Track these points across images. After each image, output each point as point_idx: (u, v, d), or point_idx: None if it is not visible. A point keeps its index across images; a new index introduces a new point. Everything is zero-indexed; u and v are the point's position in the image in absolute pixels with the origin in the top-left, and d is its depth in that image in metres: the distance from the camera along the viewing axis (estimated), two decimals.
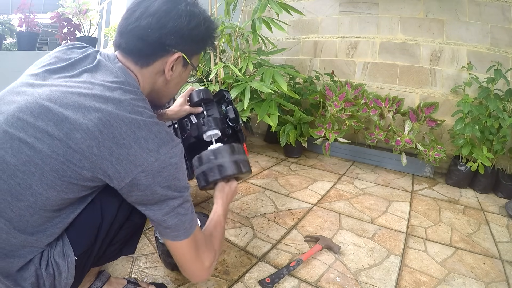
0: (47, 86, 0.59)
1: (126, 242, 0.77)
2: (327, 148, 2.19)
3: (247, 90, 1.93)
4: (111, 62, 0.66)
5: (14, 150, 0.55)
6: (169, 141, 0.61)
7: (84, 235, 0.65)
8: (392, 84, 2.47)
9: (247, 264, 1.13)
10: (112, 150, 0.56)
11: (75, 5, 2.05)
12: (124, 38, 0.67)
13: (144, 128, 0.58)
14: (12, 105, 0.58)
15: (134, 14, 0.65)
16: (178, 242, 0.65)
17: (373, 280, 1.09)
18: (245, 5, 2.35)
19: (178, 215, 0.63)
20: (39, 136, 0.54)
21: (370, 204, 1.71)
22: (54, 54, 0.68)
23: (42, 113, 0.55)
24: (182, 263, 0.68)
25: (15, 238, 0.57)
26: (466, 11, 2.14)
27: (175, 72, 0.72)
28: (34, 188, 0.55)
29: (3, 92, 0.63)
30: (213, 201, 0.89)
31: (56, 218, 0.61)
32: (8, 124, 0.56)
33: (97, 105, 0.56)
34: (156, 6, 0.65)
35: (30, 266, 0.59)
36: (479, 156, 1.89)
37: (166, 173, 0.59)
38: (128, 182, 0.58)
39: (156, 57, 0.68)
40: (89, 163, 0.56)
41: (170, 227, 0.63)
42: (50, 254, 0.62)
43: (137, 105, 0.60)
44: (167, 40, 0.66)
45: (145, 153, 0.57)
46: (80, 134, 0.54)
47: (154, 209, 0.62)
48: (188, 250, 0.67)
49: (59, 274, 0.62)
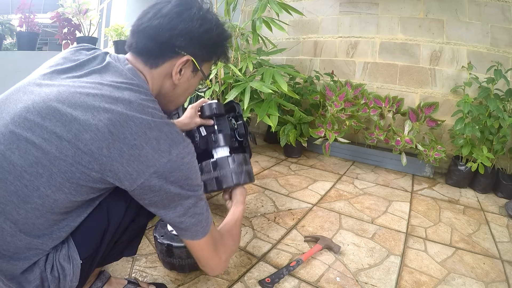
0: (55, 86, 0.58)
1: (128, 243, 0.77)
2: (327, 148, 2.19)
3: (247, 90, 1.93)
4: (121, 64, 0.66)
5: (21, 151, 0.54)
6: (180, 141, 0.60)
7: (90, 238, 0.65)
8: (392, 84, 2.47)
9: (247, 264, 1.13)
10: (123, 151, 0.55)
11: (75, 5, 2.05)
12: (135, 38, 0.67)
13: (155, 128, 0.57)
14: (18, 105, 0.57)
15: (147, 15, 0.66)
16: (196, 241, 0.66)
17: (373, 280, 1.09)
18: (245, 5, 2.34)
19: (194, 215, 0.63)
20: (47, 137, 0.53)
21: (370, 204, 1.71)
22: (62, 55, 0.68)
23: (50, 114, 0.54)
24: (200, 259, 0.70)
25: (21, 240, 0.56)
26: (466, 11, 2.14)
27: (184, 77, 0.72)
28: (42, 190, 0.54)
29: (10, 91, 0.62)
30: (231, 203, 0.91)
31: (63, 221, 0.60)
32: (15, 124, 0.55)
33: (106, 106, 0.55)
34: (169, 8, 0.65)
35: (35, 269, 0.59)
36: (479, 156, 1.89)
37: (179, 174, 0.59)
38: (140, 184, 0.57)
39: (165, 59, 0.68)
40: (98, 165, 0.55)
41: (187, 228, 0.64)
42: (56, 257, 0.61)
43: (147, 106, 0.59)
44: (176, 42, 0.66)
45: (157, 154, 0.56)
46: (90, 135, 0.53)
47: (169, 212, 0.62)
48: (207, 247, 0.68)
49: (64, 277, 0.62)
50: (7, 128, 0.55)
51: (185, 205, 0.62)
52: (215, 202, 1.62)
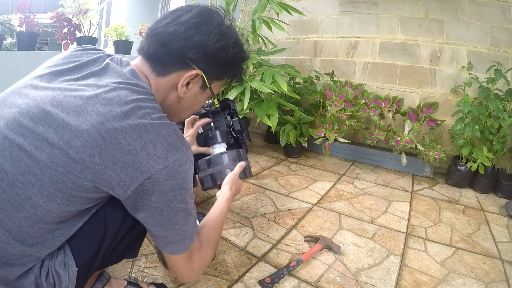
0: (50, 89, 0.56)
1: (129, 247, 0.76)
2: (327, 148, 2.19)
3: (247, 90, 1.93)
4: (121, 66, 0.64)
5: (13, 158, 0.52)
6: (179, 146, 0.57)
7: (87, 246, 0.63)
8: (392, 84, 2.47)
9: (247, 264, 1.13)
10: (116, 158, 0.52)
11: (75, 5, 2.05)
12: (148, 42, 0.65)
13: (152, 131, 0.54)
14: (13, 109, 0.55)
15: (165, 20, 0.64)
16: (174, 256, 0.65)
17: (373, 280, 1.09)
18: (245, 5, 2.35)
19: (181, 233, 0.62)
20: (38, 144, 0.51)
21: (370, 204, 1.71)
22: (63, 56, 0.65)
23: (42, 119, 0.52)
24: (173, 269, 0.69)
25: (14, 248, 0.55)
26: (466, 11, 2.15)
27: (190, 91, 0.68)
28: (34, 200, 0.52)
29: (6, 93, 0.60)
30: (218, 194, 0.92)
31: (58, 231, 0.59)
32: (9, 129, 0.53)
33: (100, 109, 0.52)
34: (189, 16, 0.63)
35: (30, 275, 0.57)
36: (479, 156, 1.89)
37: (173, 182, 0.56)
38: (134, 190, 0.55)
39: (174, 68, 0.65)
40: (91, 174, 0.52)
41: (170, 242, 0.62)
42: (51, 264, 0.60)
43: (145, 106, 0.57)
44: (189, 53, 0.63)
45: (152, 159, 0.54)
46: (81, 141, 0.51)
47: (156, 225, 0.60)
48: (182, 262, 0.66)
49: (60, 283, 0.60)
50: (0, 133, 0.53)
51: (173, 221, 0.60)
52: (213, 202, 1.62)
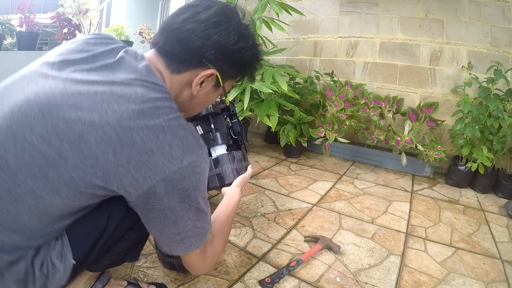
0: (61, 79, 0.54)
1: (131, 250, 0.76)
2: (327, 148, 2.19)
3: (247, 90, 1.93)
4: (136, 60, 0.61)
5: (16, 148, 0.50)
6: (195, 147, 0.56)
7: (86, 238, 0.62)
8: (392, 84, 2.47)
9: (247, 264, 1.13)
10: (131, 157, 0.50)
11: (75, 5, 2.05)
12: (164, 37, 0.62)
13: (169, 132, 0.53)
14: (20, 96, 0.52)
15: (182, 15, 0.61)
16: (188, 254, 0.64)
17: (373, 280, 1.09)
18: (245, 5, 2.35)
19: (193, 228, 0.60)
20: (46, 136, 0.49)
21: (370, 204, 1.71)
22: (77, 43, 0.62)
23: (52, 111, 0.50)
24: (187, 263, 0.68)
25: (8, 238, 0.54)
26: (466, 11, 2.14)
27: (204, 90, 0.67)
28: (36, 192, 0.51)
29: (14, 78, 0.57)
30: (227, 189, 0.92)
31: (57, 224, 0.58)
32: (13, 117, 0.51)
33: (116, 106, 0.51)
34: (208, 14, 0.60)
35: (21, 262, 0.56)
36: (479, 156, 1.89)
37: (187, 183, 0.55)
38: (146, 190, 0.53)
39: (189, 67, 0.63)
40: (102, 171, 0.51)
41: (183, 239, 0.60)
42: (47, 254, 0.59)
43: (162, 106, 0.55)
44: (206, 53, 0.61)
45: (167, 160, 0.52)
46: (95, 137, 0.49)
47: (170, 224, 0.58)
48: (197, 256, 0.66)
49: (53, 275, 0.59)
50: (4, 121, 0.51)
51: (185, 217, 0.58)
52: (215, 202, 1.62)
